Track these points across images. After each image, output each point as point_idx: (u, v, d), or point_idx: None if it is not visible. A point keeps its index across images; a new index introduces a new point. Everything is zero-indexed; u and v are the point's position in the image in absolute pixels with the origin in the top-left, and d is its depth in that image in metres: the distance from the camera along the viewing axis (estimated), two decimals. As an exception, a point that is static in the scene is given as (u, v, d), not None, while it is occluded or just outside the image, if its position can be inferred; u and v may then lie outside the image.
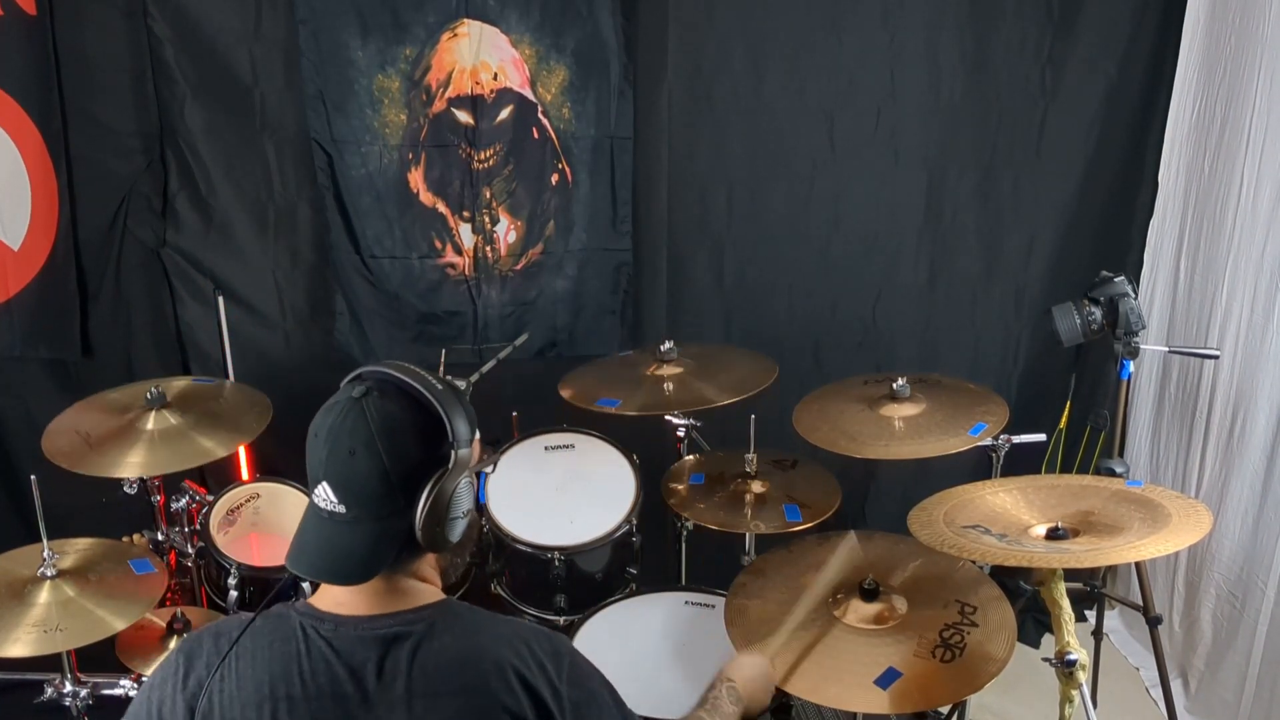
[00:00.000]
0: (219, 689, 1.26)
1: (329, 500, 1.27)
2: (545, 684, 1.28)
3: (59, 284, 3.12)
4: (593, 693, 1.33)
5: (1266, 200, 2.81)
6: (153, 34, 2.98)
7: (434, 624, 1.29)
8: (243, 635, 1.29)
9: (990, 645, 1.98)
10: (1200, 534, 1.85)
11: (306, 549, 1.29)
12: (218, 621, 1.36)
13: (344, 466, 1.26)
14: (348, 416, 1.26)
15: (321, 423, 1.28)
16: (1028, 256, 3.38)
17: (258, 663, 1.27)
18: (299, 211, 3.20)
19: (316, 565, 1.29)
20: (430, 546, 1.29)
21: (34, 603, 2.17)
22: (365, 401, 1.27)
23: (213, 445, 2.63)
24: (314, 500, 1.29)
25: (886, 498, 3.44)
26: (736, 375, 2.79)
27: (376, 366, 1.33)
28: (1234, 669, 2.92)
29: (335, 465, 1.26)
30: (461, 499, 1.31)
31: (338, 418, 1.27)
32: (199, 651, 1.30)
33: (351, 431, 1.25)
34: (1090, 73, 3.20)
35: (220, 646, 1.29)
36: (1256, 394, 2.83)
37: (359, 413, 1.26)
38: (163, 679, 1.30)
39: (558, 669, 1.30)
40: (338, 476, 1.26)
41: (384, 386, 1.30)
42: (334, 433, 1.26)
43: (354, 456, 1.25)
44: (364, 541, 1.27)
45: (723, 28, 3.13)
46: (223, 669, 1.27)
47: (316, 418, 1.30)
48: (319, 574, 1.29)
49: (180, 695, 1.27)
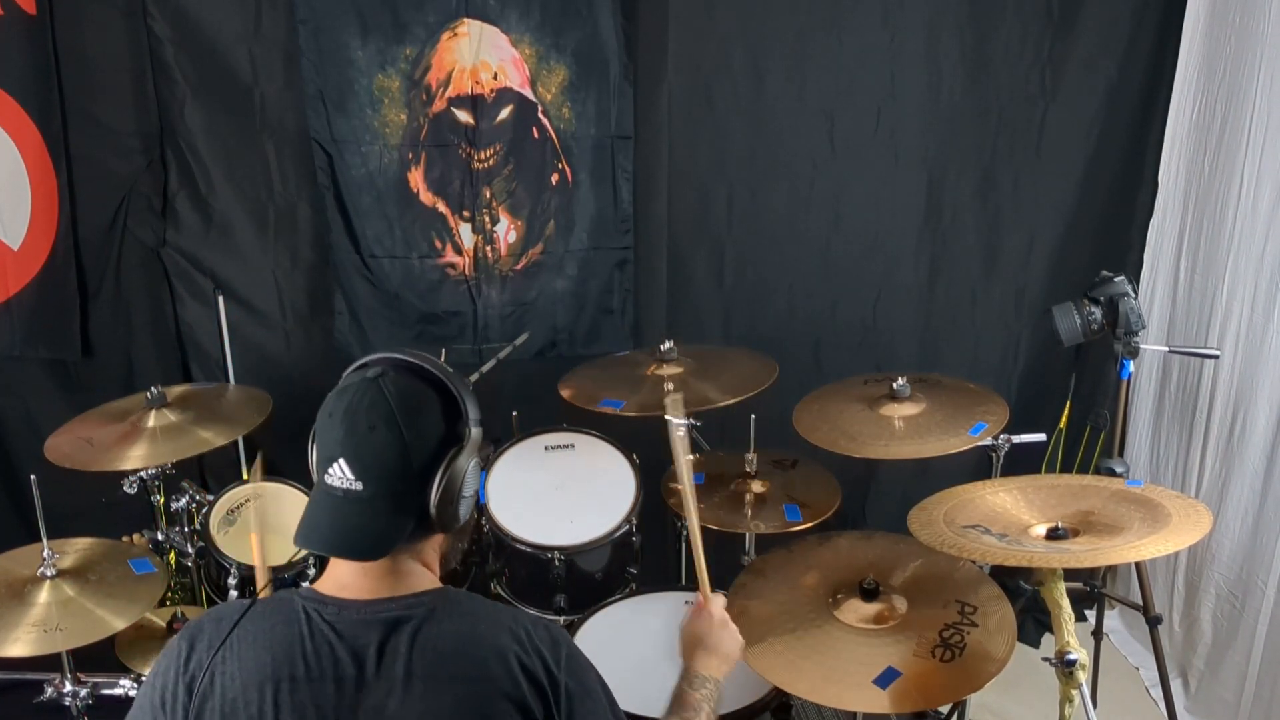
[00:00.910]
0: (220, 670, 1.27)
1: (345, 478, 1.27)
2: (544, 671, 1.29)
3: (59, 284, 3.12)
4: (588, 686, 1.34)
5: (1266, 200, 2.81)
6: (153, 34, 2.98)
7: (434, 609, 1.30)
8: (244, 618, 1.30)
9: (990, 645, 1.98)
10: (1200, 534, 1.85)
11: (319, 527, 1.29)
12: (218, 606, 1.36)
13: (363, 443, 1.26)
14: (366, 394, 1.28)
15: (337, 403, 1.29)
16: (1028, 256, 3.38)
17: (260, 644, 1.28)
18: (299, 211, 3.20)
19: (330, 541, 1.29)
20: (442, 525, 1.31)
21: (34, 602, 2.18)
22: (382, 380, 1.29)
23: (212, 436, 2.65)
24: (326, 480, 1.29)
25: (886, 498, 3.44)
26: (737, 375, 2.79)
27: (383, 354, 1.35)
28: (1234, 669, 2.92)
29: (354, 442, 1.27)
30: (472, 478, 1.33)
31: (355, 396, 1.28)
32: (200, 635, 1.31)
33: (370, 408, 1.27)
34: (1090, 73, 3.20)
35: (221, 629, 1.29)
36: (1256, 394, 2.83)
37: (377, 390, 1.28)
38: (165, 666, 1.31)
39: (556, 657, 1.31)
40: (356, 453, 1.27)
41: (398, 367, 1.32)
42: (352, 410, 1.27)
43: (374, 432, 1.26)
44: (379, 518, 1.28)
45: (723, 28, 3.13)
46: (224, 650, 1.28)
47: (329, 400, 1.31)
48: (334, 549, 1.29)
49: (181, 679, 1.28)
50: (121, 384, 3.18)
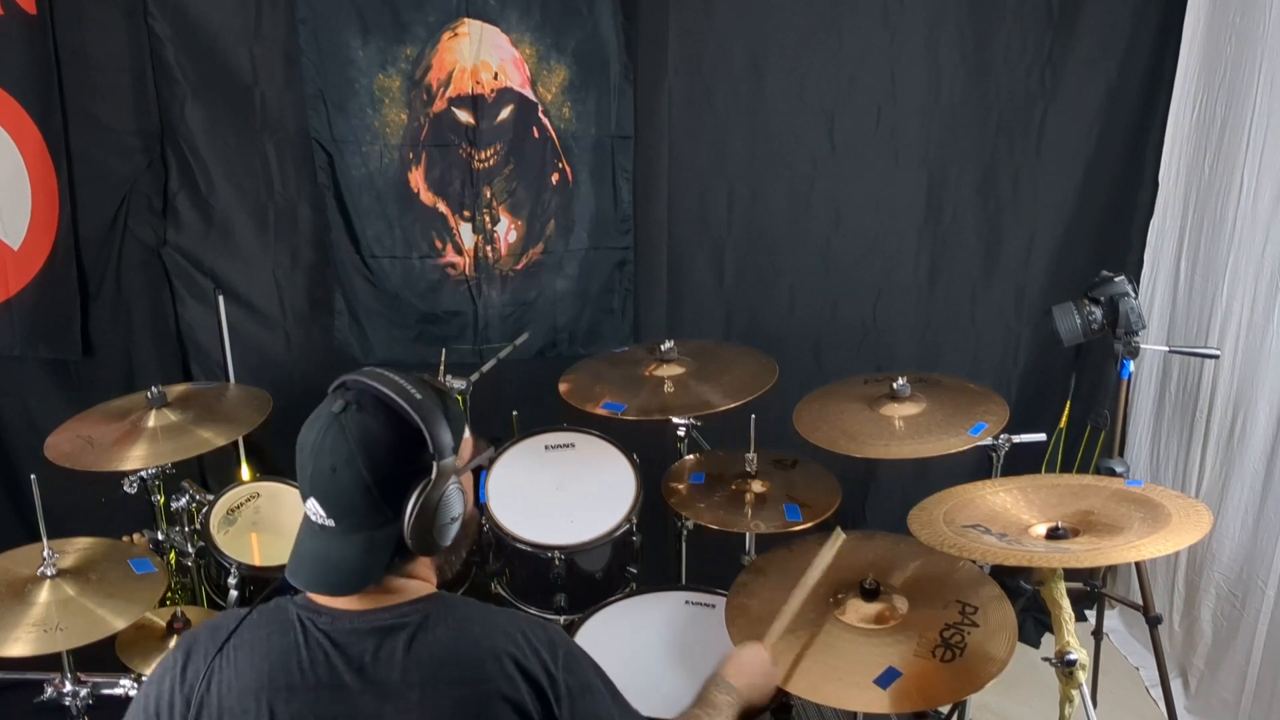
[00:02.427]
0: (217, 679, 1.27)
1: (319, 514, 1.29)
2: (542, 671, 1.29)
3: (59, 283, 3.12)
4: (588, 681, 1.34)
5: (1266, 200, 2.81)
6: (153, 33, 2.98)
7: (429, 616, 1.31)
8: (240, 627, 1.30)
9: (990, 645, 1.98)
10: (1200, 534, 1.85)
11: (304, 561, 1.32)
12: (215, 616, 1.38)
13: (327, 483, 1.28)
14: (327, 434, 1.28)
15: (305, 438, 1.30)
16: (1028, 256, 3.38)
17: (256, 653, 1.29)
18: (299, 211, 3.20)
19: (313, 578, 1.31)
20: (421, 551, 1.31)
21: (34, 602, 2.17)
22: (344, 418, 1.28)
23: (212, 436, 2.65)
24: (306, 513, 1.31)
25: (886, 498, 3.44)
26: (737, 377, 2.78)
27: (358, 376, 1.32)
28: (1234, 669, 2.92)
29: (320, 482, 1.28)
30: (451, 504, 1.32)
31: (318, 435, 1.29)
32: (197, 645, 1.31)
33: (332, 449, 1.27)
34: (1090, 73, 3.20)
35: (218, 638, 1.30)
36: (1256, 394, 2.84)
37: (338, 429, 1.27)
38: (161, 674, 1.32)
39: (553, 656, 1.31)
40: (323, 493, 1.28)
41: (362, 399, 1.30)
42: (316, 450, 1.28)
43: (335, 473, 1.27)
44: (356, 552, 1.29)
45: (723, 28, 3.13)
46: (220, 659, 1.28)
47: (302, 432, 1.32)
48: (315, 587, 1.32)
49: (178, 688, 1.29)
50: (121, 384, 3.18)
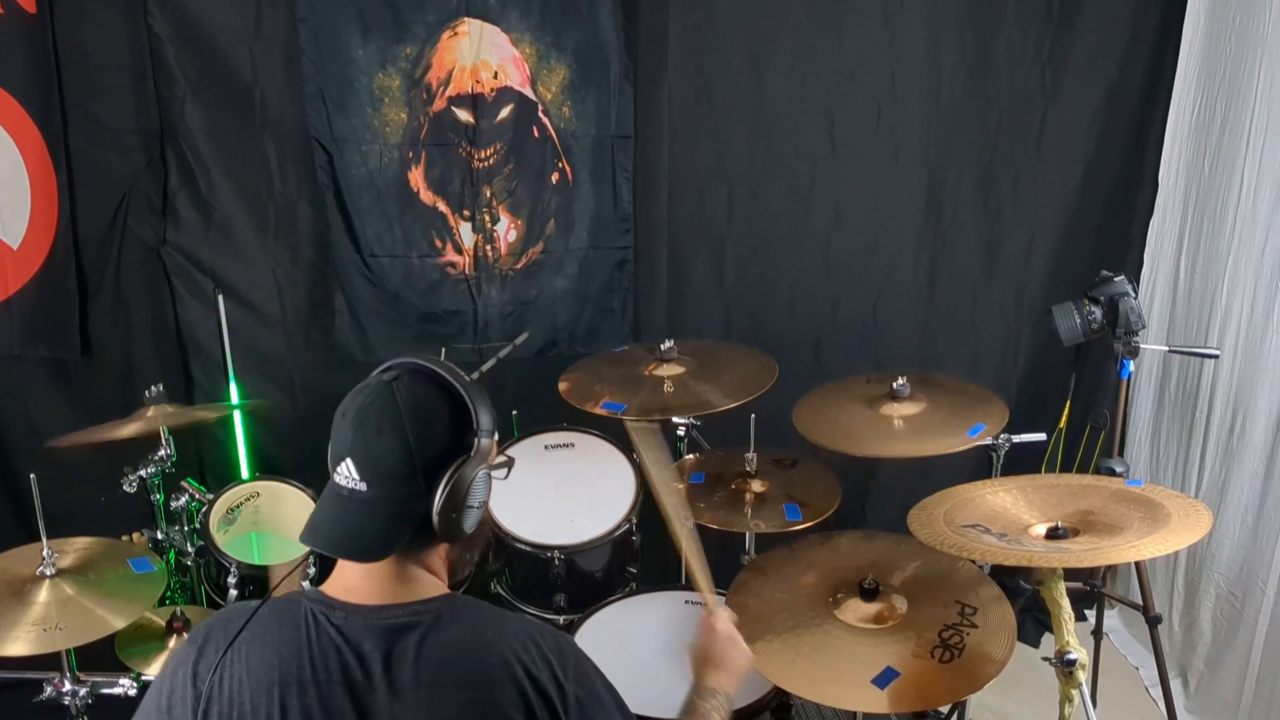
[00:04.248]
0: (228, 673, 1.27)
1: (350, 477, 1.29)
2: (550, 680, 1.28)
3: (59, 283, 3.12)
4: (596, 693, 1.33)
5: (1266, 200, 2.81)
6: (153, 33, 2.98)
7: (441, 616, 1.30)
8: (251, 620, 1.30)
9: (990, 645, 1.98)
10: (1200, 534, 1.85)
11: (323, 524, 1.31)
12: (228, 608, 1.37)
13: (370, 444, 1.28)
14: (377, 397, 1.30)
15: (350, 403, 1.32)
16: (1028, 256, 3.38)
17: (267, 647, 1.28)
18: (299, 210, 3.19)
19: (331, 540, 1.30)
20: (444, 534, 1.31)
21: (33, 601, 2.17)
22: (396, 384, 1.30)
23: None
24: (335, 479, 1.31)
25: (886, 497, 3.44)
26: (737, 377, 2.78)
27: (405, 359, 1.36)
28: (1234, 668, 2.92)
29: (361, 442, 1.29)
30: (480, 488, 1.34)
31: (368, 398, 1.30)
32: (210, 637, 1.31)
33: (380, 411, 1.29)
34: (1090, 73, 3.20)
35: (230, 631, 1.30)
36: (1256, 394, 2.84)
37: (389, 394, 1.30)
38: (174, 668, 1.31)
39: (563, 666, 1.31)
40: (362, 453, 1.28)
41: (414, 373, 1.34)
42: (362, 412, 1.30)
43: (380, 435, 1.28)
44: (380, 521, 1.29)
45: (723, 27, 3.13)
46: (231, 652, 1.28)
47: (345, 400, 1.33)
48: (333, 548, 1.31)
49: (190, 681, 1.28)
50: (121, 383, 3.18)
